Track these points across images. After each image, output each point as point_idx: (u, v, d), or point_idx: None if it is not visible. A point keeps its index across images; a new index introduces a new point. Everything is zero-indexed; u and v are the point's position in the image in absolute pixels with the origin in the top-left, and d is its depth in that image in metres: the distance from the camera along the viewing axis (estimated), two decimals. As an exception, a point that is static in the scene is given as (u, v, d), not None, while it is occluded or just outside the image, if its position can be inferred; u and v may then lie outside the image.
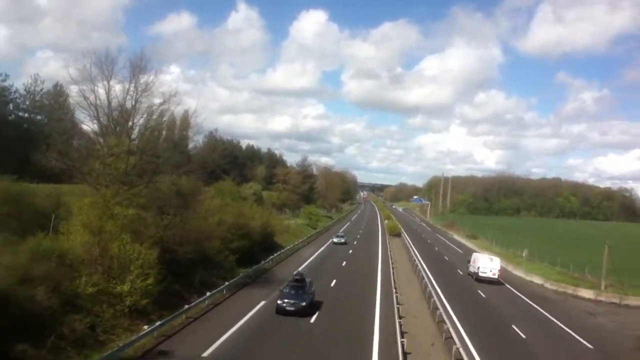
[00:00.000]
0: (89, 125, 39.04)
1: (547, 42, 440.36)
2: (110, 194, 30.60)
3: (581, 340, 32.69)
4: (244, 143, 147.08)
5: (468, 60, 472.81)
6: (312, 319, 31.37)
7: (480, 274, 53.24)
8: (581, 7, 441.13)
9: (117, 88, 36.40)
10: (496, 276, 53.36)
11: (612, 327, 38.28)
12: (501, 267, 55.73)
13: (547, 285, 53.44)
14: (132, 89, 36.46)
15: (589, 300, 47.50)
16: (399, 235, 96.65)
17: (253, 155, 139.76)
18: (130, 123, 37.99)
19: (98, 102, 35.81)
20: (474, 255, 60.68)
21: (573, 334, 34.01)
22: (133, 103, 36.96)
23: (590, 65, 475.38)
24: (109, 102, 36.44)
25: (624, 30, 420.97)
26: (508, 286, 51.91)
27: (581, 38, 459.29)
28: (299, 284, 33.02)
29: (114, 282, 26.32)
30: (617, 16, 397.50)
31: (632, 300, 46.89)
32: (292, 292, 32.25)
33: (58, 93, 69.18)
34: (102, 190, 31.52)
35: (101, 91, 35.66)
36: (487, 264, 54.38)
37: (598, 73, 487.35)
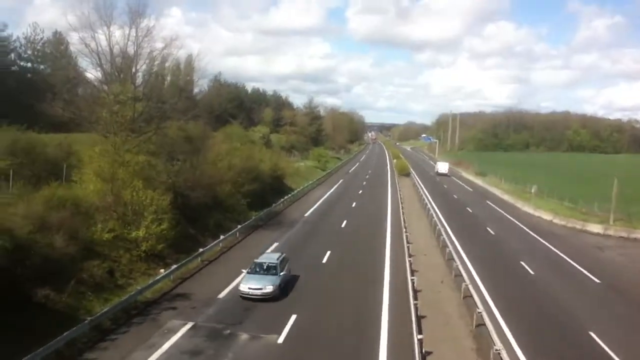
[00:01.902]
0: (92, 73, 38.81)
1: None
2: (119, 142, 30.73)
3: (589, 275, 33.19)
4: (249, 86, 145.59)
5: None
6: (324, 259, 32.02)
7: (438, 172, 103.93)
8: None
9: (117, 34, 35.92)
10: (447, 172, 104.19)
11: (620, 260, 38.75)
12: (450, 167, 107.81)
13: (556, 220, 53.80)
14: (132, 34, 35.96)
15: (597, 234, 47.87)
16: (408, 174, 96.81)
17: (259, 99, 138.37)
18: (133, 69, 37.70)
19: (100, 49, 35.41)
20: (437, 163, 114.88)
21: (581, 269, 34.51)
22: (135, 49, 36.54)
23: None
24: (111, 49, 36.02)
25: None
26: (517, 222, 52.32)
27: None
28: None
29: (129, 227, 26.89)
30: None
31: (640, 234, 47.22)
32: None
33: (58, 41, 68.16)
34: (111, 138, 31.63)
35: (102, 37, 35.21)
36: (441, 166, 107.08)
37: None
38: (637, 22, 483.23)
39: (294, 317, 21.88)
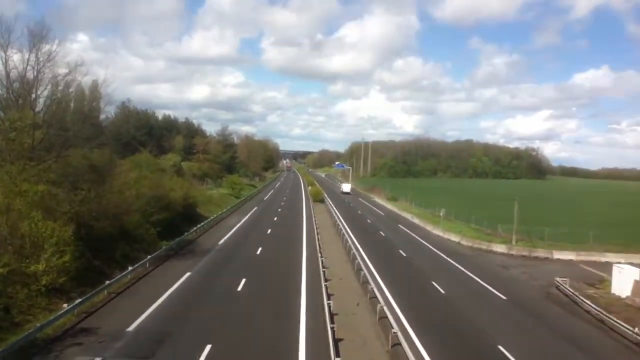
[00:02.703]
0: (-15, 98, 36.44)
1: (461, 8, 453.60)
2: (16, 171, 28.79)
3: (495, 292, 34.76)
4: (160, 113, 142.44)
5: (386, 27, 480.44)
6: (239, 287, 31.34)
7: (342, 191, 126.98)
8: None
9: (15, 58, 34.12)
10: (349, 191, 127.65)
11: (523, 278, 40.91)
12: (352, 188, 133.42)
13: (463, 242, 56.15)
14: (32, 58, 34.31)
15: (501, 254, 50.40)
16: (322, 200, 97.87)
17: (170, 126, 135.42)
18: (33, 95, 35.86)
19: (-6, 72, 33.35)
20: (342, 184, 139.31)
21: (488, 286, 36.07)
22: (35, 74, 34.89)
23: (502, 30, 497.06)
24: (7, 73, 34.20)
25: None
26: (427, 244, 54.07)
27: (493, 4, 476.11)
28: None
29: (27, 261, 24.96)
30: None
31: (540, 252, 50.27)
32: None
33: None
34: (7, 167, 29.58)
35: (-3, 62, 33.21)
36: (345, 187, 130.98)
37: (509, 38, 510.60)
38: (533, 60, 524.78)
39: (208, 347, 21.07)
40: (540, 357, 23.10)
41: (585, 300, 31.98)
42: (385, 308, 26.16)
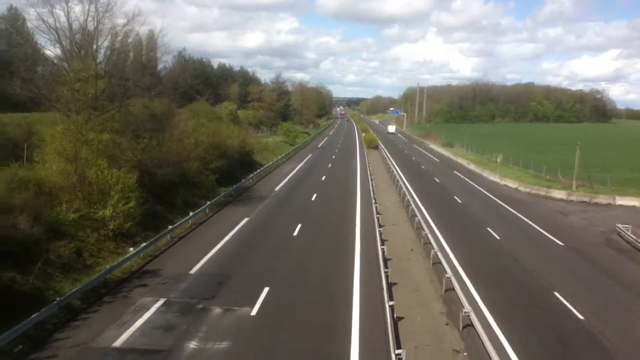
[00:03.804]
0: (51, 50, 37.90)
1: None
2: (82, 120, 29.99)
3: (553, 238, 34.20)
4: (215, 62, 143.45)
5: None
6: (295, 232, 32.14)
7: (388, 132, 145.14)
8: None
9: (77, 9, 34.95)
10: (394, 131, 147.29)
11: (582, 224, 39.95)
12: (402, 132, 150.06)
13: (521, 188, 54.98)
14: (92, 9, 35.02)
15: (561, 200, 49.15)
16: (376, 147, 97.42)
17: (225, 74, 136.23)
18: (94, 46, 36.86)
19: (58, 25, 34.50)
20: (388, 126, 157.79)
21: (545, 233, 35.49)
22: (95, 25, 35.65)
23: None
24: (70, 25, 35.05)
25: None
26: (483, 190, 53.30)
27: None
28: None
29: (96, 207, 26.43)
30: None
31: (601, 199, 48.71)
32: None
33: (14, 17, 65.60)
34: (73, 117, 30.87)
35: (60, 13, 34.21)
36: (390, 127, 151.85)
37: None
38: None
39: (266, 289, 21.98)
40: (597, 304, 22.79)
41: (648, 247, 31.05)
42: (439, 253, 26.35)
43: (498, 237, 33.51)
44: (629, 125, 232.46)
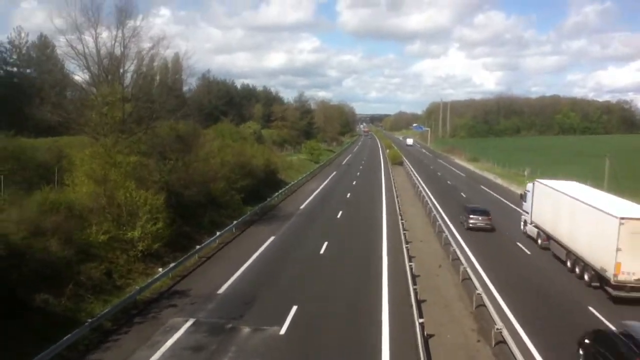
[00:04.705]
0: (80, 76, 38.72)
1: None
2: (110, 143, 30.51)
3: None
4: (239, 82, 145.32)
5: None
6: (322, 250, 32.04)
7: (407, 144, 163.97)
8: None
9: (104, 35, 35.76)
10: (412, 144, 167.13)
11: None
12: (415, 141, 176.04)
13: (550, 201, 53.88)
14: (120, 35, 35.81)
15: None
16: (401, 163, 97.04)
17: (249, 94, 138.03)
18: (121, 70, 37.54)
19: (86, 50, 35.28)
20: (406, 139, 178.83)
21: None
22: (122, 49, 36.40)
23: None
24: (98, 50, 35.84)
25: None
26: (511, 204, 52.46)
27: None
28: None
29: (125, 228, 26.73)
30: None
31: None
32: None
33: (44, 44, 67.66)
34: (102, 140, 31.43)
35: (89, 39, 35.08)
36: (409, 140, 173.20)
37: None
38: (626, 6, 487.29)
39: (294, 308, 21.88)
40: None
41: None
42: (468, 269, 25.97)
43: (528, 252, 32.91)
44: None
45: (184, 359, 17.38)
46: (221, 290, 24.45)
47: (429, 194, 56.24)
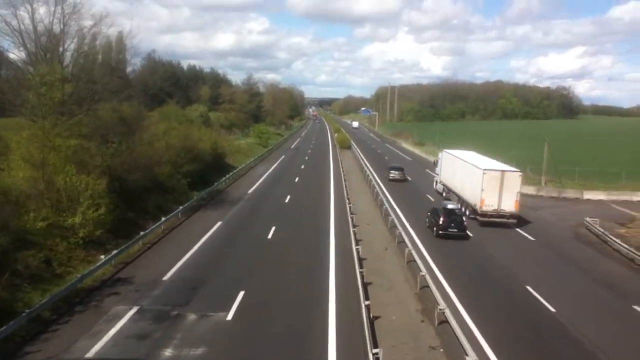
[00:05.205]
0: (15, 54, 37.03)
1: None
2: (49, 125, 29.36)
3: (524, 233, 34.85)
4: (185, 64, 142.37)
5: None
6: (269, 235, 31.99)
7: (353, 127, 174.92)
8: None
9: (42, 11, 34.17)
10: (357, 126, 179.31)
11: (552, 219, 40.72)
12: (360, 124, 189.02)
13: (492, 184, 55.62)
14: (58, 11, 34.27)
15: (530, 196, 49.92)
16: (349, 147, 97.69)
17: (196, 76, 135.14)
18: (60, 49, 36.04)
19: (22, 27, 33.67)
20: (352, 122, 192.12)
21: (516, 229, 36.04)
22: (61, 27, 34.88)
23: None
24: (35, 27, 34.26)
25: None
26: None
27: None
28: None
29: (65, 214, 25.85)
30: None
31: (570, 193, 49.82)
32: None
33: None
34: (40, 122, 30.18)
35: (25, 15, 33.39)
36: (354, 123, 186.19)
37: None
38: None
39: (241, 293, 21.81)
40: (568, 297, 23.29)
41: (615, 239, 31.87)
42: (413, 252, 26.51)
43: (471, 235, 33.87)
44: (595, 121, 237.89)
45: (127, 348, 17.05)
46: (166, 277, 24.08)
47: (376, 177, 56.99)
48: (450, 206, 35.82)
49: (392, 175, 57.74)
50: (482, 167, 36.42)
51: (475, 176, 36.83)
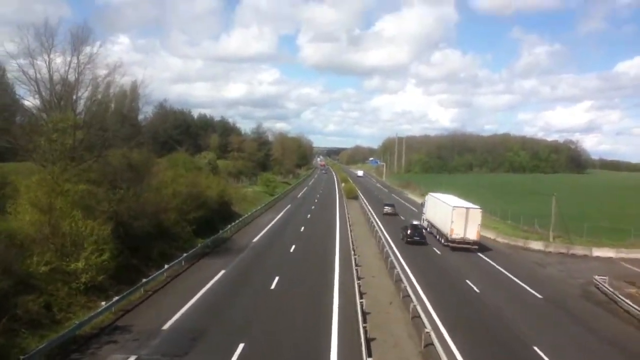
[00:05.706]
0: (30, 101, 37.83)
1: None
2: (58, 171, 29.64)
3: (531, 290, 34.25)
4: (196, 112, 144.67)
5: (424, 19, 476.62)
6: (273, 285, 31.65)
7: (357, 175, 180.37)
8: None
9: (58, 61, 35.13)
10: (362, 175, 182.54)
11: (560, 276, 40.12)
12: (365, 173, 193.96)
13: (499, 239, 55.29)
14: (74, 61, 35.21)
15: (538, 251, 49.48)
16: (356, 197, 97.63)
17: (206, 125, 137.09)
18: (74, 96, 36.83)
19: (38, 76, 34.63)
20: (357, 171, 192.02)
21: (523, 285, 35.52)
22: (76, 76, 35.74)
23: (543, 19, 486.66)
24: (51, 76, 35.12)
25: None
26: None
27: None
28: None
29: (68, 259, 25.79)
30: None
31: (578, 250, 49.24)
32: None
33: (-6, 68, 65.68)
34: (50, 167, 30.51)
35: (42, 64, 34.32)
36: (359, 172, 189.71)
37: (550, 26, 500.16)
38: (575, 49, 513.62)
39: (241, 345, 21.42)
40: (576, 356, 22.67)
41: (625, 299, 31.23)
42: (418, 307, 26.07)
43: (477, 290, 33.38)
44: (603, 176, 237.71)
45: (122, 400, 16.67)
46: (166, 326, 23.74)
47: (382, 229, 56.71)
48: (414, 222, 52.75)
49: (385, 209, 73.21)
50: (452, 205, 47.38)
51: (447, 212, 47.79)
